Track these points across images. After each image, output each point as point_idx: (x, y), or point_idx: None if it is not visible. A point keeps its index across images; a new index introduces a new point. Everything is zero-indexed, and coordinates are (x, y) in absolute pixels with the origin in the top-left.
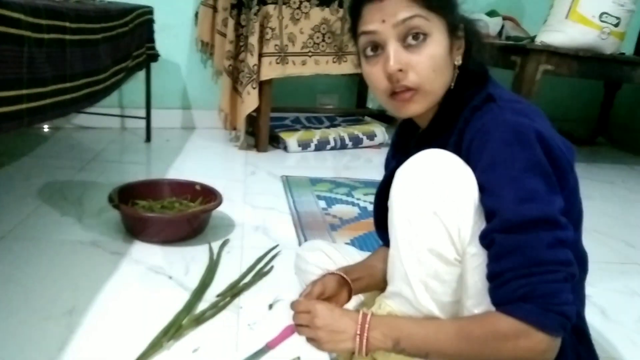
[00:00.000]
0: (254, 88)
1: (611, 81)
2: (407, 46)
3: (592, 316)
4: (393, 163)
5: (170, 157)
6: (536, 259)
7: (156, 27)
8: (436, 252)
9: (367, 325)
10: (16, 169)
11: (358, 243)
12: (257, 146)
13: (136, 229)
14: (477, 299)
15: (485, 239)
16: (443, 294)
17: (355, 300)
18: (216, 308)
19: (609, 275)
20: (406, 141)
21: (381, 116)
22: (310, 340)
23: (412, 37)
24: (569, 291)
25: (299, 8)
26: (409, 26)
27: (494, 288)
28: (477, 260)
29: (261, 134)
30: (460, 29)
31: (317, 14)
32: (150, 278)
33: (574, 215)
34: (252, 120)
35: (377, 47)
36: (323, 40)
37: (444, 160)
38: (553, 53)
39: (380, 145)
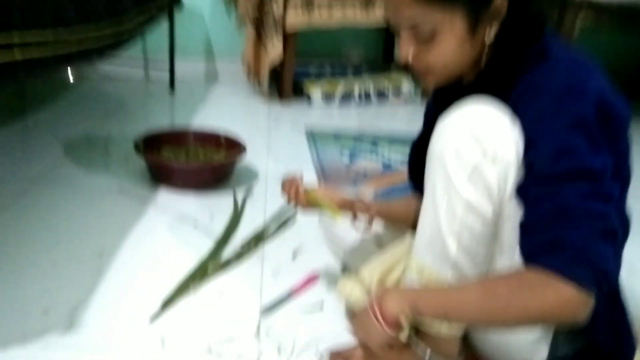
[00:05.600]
0: (278, 40)
1: None
2: (417, 36)
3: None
4: (433, 111)
5: (194, 107)
6: (568, 208)
7: None
8: (473, 207)
9: (376, 301)
10: (43, 117)
11: (381, 197)
12: (280, 97)
13: (162, 177)
14: (510, 255)
15: (521, 192)
16: (475, 249)
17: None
18: (240, 255)
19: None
20: (450, 90)
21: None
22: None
23: (420, 33)
24: (607, 245)
25: None
26: (414, 27)
27: (523, 237)
28: (514, 217)
29: (285, 86)
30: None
31: None
32: (176, 224)
33: (620, 178)
34: (276, 74)
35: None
36: None
37: (488, 114)
38: (593, 6)
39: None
